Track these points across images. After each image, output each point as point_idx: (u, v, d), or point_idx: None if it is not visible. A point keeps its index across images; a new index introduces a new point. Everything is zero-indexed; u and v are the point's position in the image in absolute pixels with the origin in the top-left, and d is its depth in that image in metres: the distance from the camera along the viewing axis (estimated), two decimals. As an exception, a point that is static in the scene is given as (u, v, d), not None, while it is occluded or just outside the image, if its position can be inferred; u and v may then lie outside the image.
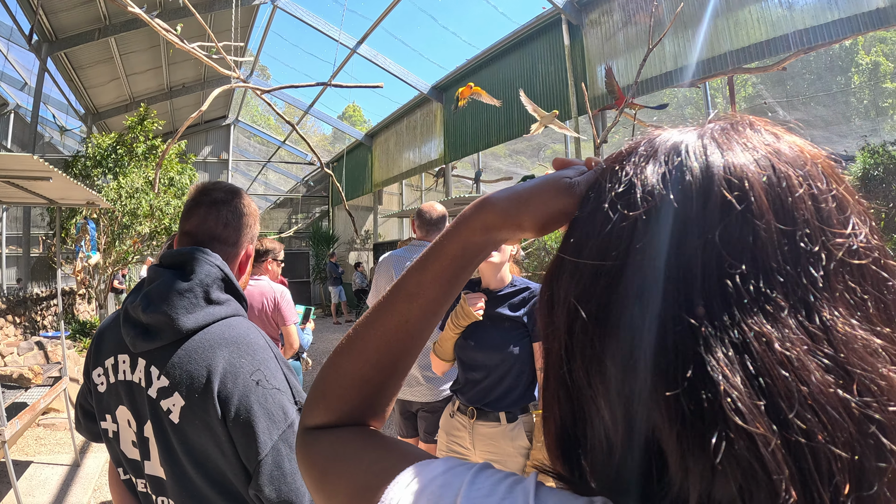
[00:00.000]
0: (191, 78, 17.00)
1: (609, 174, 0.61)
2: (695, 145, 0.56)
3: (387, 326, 0.78)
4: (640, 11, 10.11)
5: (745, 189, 0.50)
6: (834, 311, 0.46)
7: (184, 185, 13.41)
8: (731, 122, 0.58)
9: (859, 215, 0.52)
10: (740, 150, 0.54)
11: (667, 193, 0.53)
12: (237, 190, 1.80)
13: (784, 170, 0.52)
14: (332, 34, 14.66)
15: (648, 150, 0.59)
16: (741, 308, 0.46)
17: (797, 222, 0.49)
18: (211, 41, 6.35)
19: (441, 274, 0.77)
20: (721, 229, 0.49)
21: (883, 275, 0.50)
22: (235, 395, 1.43)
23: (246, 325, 1.59)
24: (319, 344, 14.50)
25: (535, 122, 6.51)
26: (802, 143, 0.57)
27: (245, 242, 1.78)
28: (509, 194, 0.74)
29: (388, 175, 20.19)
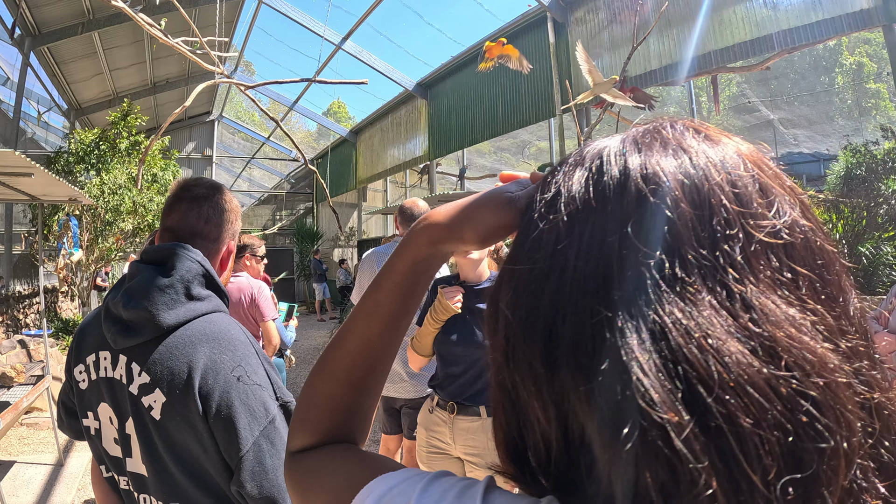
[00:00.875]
0: (175, 73, 16.87)
1: (542, 184, 0.63)
2: (616, 148, 0.57)
3: (351, 346, 0.81)
4: (625, 10, 10.14)
5: (660, 181, 0.51)
6: (756, 290, 0.47)
7: (167, 181, 13.31)
8: (656, 124, 0.60)
9: (787, 197, 0.53)
10: (658, 147, 0.55)
11: (586, 194, 0.55)
12: (218, 186, 1.80)
13: (701, 160, 0.53)
14: (317, 30, 14.60)
15: (577, 159, 0.60)
16: (657, 295, 0.47)
17: (713, 208, 0.49)
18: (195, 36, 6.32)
19: (395, 290, 0.79)
20: (635, 220, 0.50)
21: (813, 254, 0.51)
22: (216, 391, 1.43)
23: (227, 321, 1.60)
24: (303, 341, 14.48)
25: (583, 92, 6.22)
26: (726, 137, 0.58)
27: (226, 238, 1.78)
28: (452, 209, 0.76)
29: (372, 172, 20.17)
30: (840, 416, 0.42)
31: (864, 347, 0.49)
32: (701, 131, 0.58)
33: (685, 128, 0.58)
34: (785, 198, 0.52)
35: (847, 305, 0.51)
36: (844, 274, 0.53)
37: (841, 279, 0.52)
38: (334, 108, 55.18)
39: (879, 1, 7.13)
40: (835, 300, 0.50)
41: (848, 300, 0.52)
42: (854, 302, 0.52)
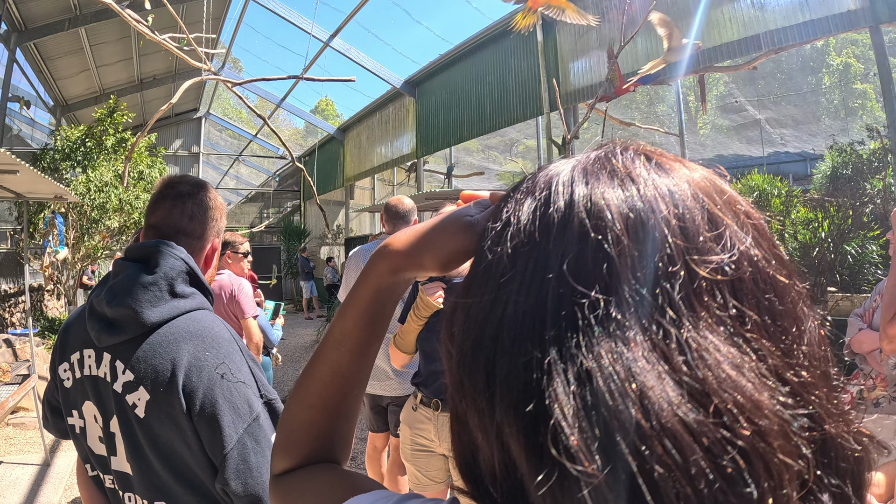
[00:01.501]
0: (162, 70, 16.79)
1: (494, 212, 0.63)
2: (565, 177, 0.56)
3: (322, 374, 0.82)
4: (613, 9, 10.17)
5: (603, 216, 0.50)
6: (694, 330, 0.45)
7: (153, 178, 13.23)
8: (607, 150, 0.59)
9: (740, 228, 0.51)
10: (606, 178, 0.54)
11: (532, 227, 0.54)
12: (203, 183, 1.80)
13: (648, 192, 0.52)
14: (305, 27, 14.57)
15: (529, 185, 0.60)
16: (589, 337, 0.46)
17: (656, 244, 0.48)
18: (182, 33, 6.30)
19: (360, 319, 0.80)
20: (573, 258, 0.49)
21: (763, 287, 0.49)
22: (200, 388, 1.42)
23: (211, 319, 1.59)
24: (291, 340, 14.46)
25: (651, 62, 5.80)
26: (679, 164, 0.57)
27: (211, 236, 1.78)
28: (410, 237, 0.77)
29: (359, 169, 20.17)
30: (770, 465, 0.41)
31: (818, 377, 0.49)
32: (652, 158, 0.57)
33: (636, 154, 0.57)
34: (737, 227, 0.51)
35: (801, 335, 0.50)
36: (801, 301, 0.52)
37: (796, 307, 0.51)
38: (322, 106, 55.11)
39: (866, 2, 7.17)
40: (786, 332, 0.49)
41: (802, 329, 0.51)
42: (812, 328, 0.52)
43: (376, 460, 4.73)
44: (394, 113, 17.75)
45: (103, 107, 13.21)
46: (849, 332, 3.76)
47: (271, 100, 20.23)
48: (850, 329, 3.75)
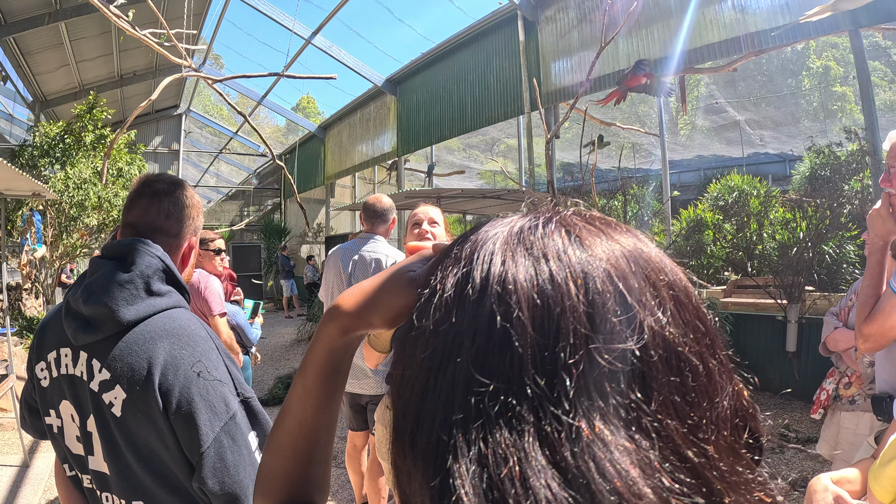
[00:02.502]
0: (142, 66, 16.67)
1: (428, 273, 0.63)
2: (487, 250, 0.56)
3: (291, 427, 0.85)
4: (595, 9, 10.22)
5: (511, 302, 0.50)
6: (587, 420, 0.46)
7: (132, 176, 13.13)
8: (531, 221, 0.59)
9: (658, 305, 0.51)
10: (522, 256, 0.54)
11: (451, 303, 0.55)
12: (179, 181, 1.80)
13: (561, 275, 0.51)
14: (287, 24, 14.54)
15: (458, 252, 0.60)
16: (490, 425, 0.47)
17: (560, 333, 0.48)
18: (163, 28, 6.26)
19: (318, 377, 0.82)
20: (482, 344, 0.50)
21: (674, 366, 0.50)
22: (176, 386, 1.42)
23: (187, 317, 1.59)
24: (271, 339, 14.41)
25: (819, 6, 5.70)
26: (604, 237, 0.56)
27: (187, 234, 1.77)
28: (357, 296, 0.78)
29: (340, 167, 20.16)
30: None
31: (726, 450, 0.50)
32: (573, 232, 0.56)
33: (557, 228, 0.57)
34: (654, 305, 0.51)
35: (714, 407, 0.51)
36: (720, 370, 0.53)
37: (712, 380, 0.52)
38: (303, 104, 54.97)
39: (846, 5, 7.26)
40: (697, 407, 0.49)
41: (716, 402, 0.51)
42: (728, 393, 0.53)
43: (356, 459, 4.72)
44: (375, 111, 17.75)
45: (83, 103, 13.11)
46: (824, 330, 3.80)
47: (252, 97, 20.15)
48: (826, 328, 3.80)
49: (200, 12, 14.33)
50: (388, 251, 4.20)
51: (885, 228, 2.41)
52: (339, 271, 4.26)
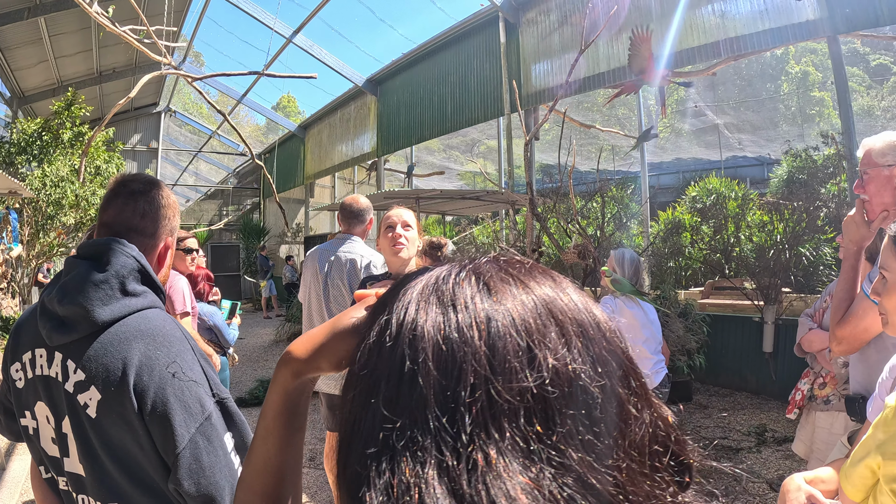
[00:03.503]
0: (122, 62, 16.54)
1: (362, 323, 0.70)
2: (406, 300, 0.62)
3: (257, 465, 0.91)
4: (576, 12, 10.27)
5: (419, 347, 0.55)
6: (483, 453, 0.50)
7: (111, 174, 13.01)
8: (446, 271, 0.65)
9: (565, 344, 0.56)
10: (434, 305, 0.59)
11: (374, 347, 0.60)
12: (155, 181, 1.79)
13: (465, 322, 0.56)
14: (268, 22, 14.48)
15: (389, 298, 0.66)
16: (397, 456, 0.51)
17: (461, 376, 0.53)
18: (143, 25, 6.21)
19: (278, 418, 0.89)
20: (393, 385, 0.55)
21: (579, 399, 0.53)
22: (151, 387, 1.41)
23: (162, 317, 1.58)
24: (249, 339, 14.35)
25: None
26: (513, 284, 0.61)
27: (163, 234, 1.77)
28: (307, 344, 0.87)
29: (320, 167, 20.12)
30: None
31: (638, 474, 0.54)
32: (482, 279, 0.61)
33: (469, 275, 0.62)
34: (560, 344, 0.55)
35: (627, 435, 0.55)
36: (632, 399, 0.57)
37: (623, 409, 0.56)
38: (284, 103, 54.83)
39: (825, 12, 7.34)
40: (603, 435, 0.53)
41: (628, 429, 0.55)
42: (643, 420, 0.57)
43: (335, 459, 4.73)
44: (355, 111, 17.72)
45: (61, 99, 12.98)
46: (799, 331, 3.86)
47: (232, 95, 20.05)
48: (801, 329, 3.85)
49: (181, 9, 14.23)
50: (363, 252, 4.20)
51: (860, 234, 2.45)
52: (316, 272, 4.26)
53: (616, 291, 4.42)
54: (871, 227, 2.44)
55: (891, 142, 2.44)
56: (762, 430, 6.64)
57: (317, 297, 4.26)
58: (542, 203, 7.59)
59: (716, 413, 7.43)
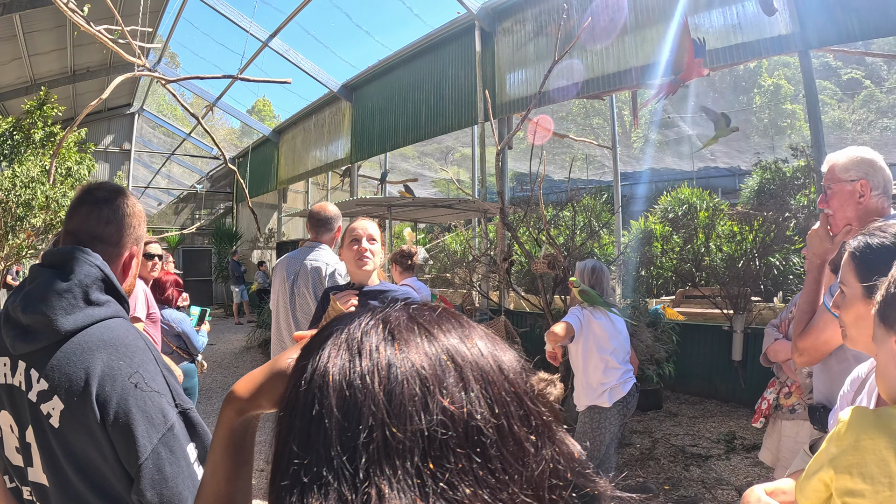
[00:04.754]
0: (96, 62, 16.33)
1: (293, 367, 0.75)
2: (323, 346, 0.68)
3: (209, 497, 0.97)
4: (552, 23, 10.34)
5: (326, 392, 0.61)
6: (376, 487, 0.55)
7: (82, 176, 12.87)
8: (367, 318, 0.70)
9: (462, 388, 0.61)
10: (343, 352, 0.65)
11: (293, 390, 0.67)
12: (121, 190, 1.80)
13: (367, 368, 0.62)
14: (244, 25, 14.41)
15: (314, 343, 0.71)
16: (304, 490, 0.57)
17: (361, 418, 0.58)
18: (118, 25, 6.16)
19: (225, 452, 0.96)
20: (304, 426, 0.62)
21: (476, 439, 0.58)
22: (114, 398, 1.41)
23: (125, 327, 1.58)
24: (220, 345, 14.22)
25: None
26: (417, 334, 0.66)
27: (128, 243, 1.77)
28: (248, 384, 0.95)
29: (294, 173, 20.06)
30: None
31: (535, 502, 0.59)
32: (388, 328, 0.67)
33: (377, 325, 0.68)
34: (456, 390, 0.61)
35: (525, 470, 0.60)
36: (532, 438, 0.62)
37: (521, 446, 0.61)
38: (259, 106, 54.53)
39: (797, 27, 7.45)
40: (498, 472, 0.58)
41: (525, 463, 0.60)
42: (543, 457, 0.62)
43: None
44: (330, 117, 17.70)
45: (33, 98, 12.82)
46: (765, 341, 3.92)
47: (207, 98, 19.91)
48: (767, 339, 3.91)
49: (158, 9, 14.11)
50: (329, 260, 4.21)
51: (823, 248, 2.51)
52: (284, 280, 4.27)
53: (584, 302, 4.47)
54: (834, 240, 2.49)
55: (854, 157, 2.50)
56: (731, 437, 6.71)
57: (284, 305, 4.26)
58: (513, 212, 7.64)
59: (685, 421, 7.49)
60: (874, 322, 1.38)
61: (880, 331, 1.35)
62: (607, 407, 4.31)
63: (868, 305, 1.47)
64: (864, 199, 2.44)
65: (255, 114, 48.61)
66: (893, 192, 2.53)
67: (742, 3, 8.03)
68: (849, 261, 1.74)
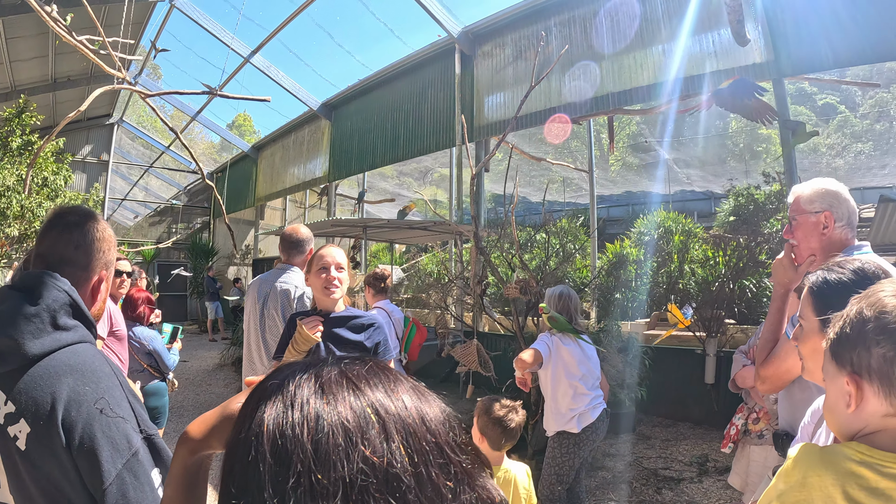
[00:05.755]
0: (77, 71, 16.17)
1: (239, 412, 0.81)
2: (262, 396, 0.74)
3: None
4: (531, 48, 10.45)
5: (261, 441, 0.68)
6: None
7: (58, 186, 12.78)
8: (301, 372, 0.77)
9: (385, 439, 0.68)
10: (278, 405, 0.71)
11: (234, 436, 0.74)
12: (92, 214, 1.82)
13: (297, 419, 0.68)
14: (226, 40, 14.38)
15: (257, 391, 0.78)
16: None
17: (290, 465, 0.65)
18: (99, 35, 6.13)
19: (178, 489, 1.03)
20: (240, 470, 0.69)
21: (395, 484, 0.65)
22: (79, 423, 1.43)
23: (92, 353, 1.60)
24: (193, 362, 14.06)
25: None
26: (347, 389, 0.73)
27: (97, 267, 1.79)
28: (201, 425, 1.03)
29: (271, 190, 20.00)
30: None
31: None
32: (319, 382, 0.74)
33: (309, 379, 0.74)
34: (378, 441, 0.68)
35: None
36: (451, 483, 0.70)
37: (439, 492, 0.68)
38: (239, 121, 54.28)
39: (771, 56, 7.62)
40: None
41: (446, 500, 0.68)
42: (461, 501, 0.70)
43: None
44: (309, 135, 17.71)
45: (12, 106, 12.72)
46: (733, 368, 3.98)
47: (188, 112, 19.81)
48: (735, 365, 3.98)
49: (141, 20, 14.08)
50: (298, 282, 4.21)
51: (787, 277, 2.56)
52: (255, 301, 4.27)
53: (553, 328, 4.51)
54: (798, 270, 2.55)
55: (818, 189, 2.56)
56: (704, 459, 6.75)
57: (255, 327, 4.25)
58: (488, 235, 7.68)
59: (658, 443, 7.52)
60: (825, 358, 1.41)
61: (831, 367, 1.38)
62: (576, 433, 4.32)
63: (824, 340, 1.51)
64: (827, 230, 2.49)
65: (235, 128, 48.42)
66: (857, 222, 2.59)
67: (718, 31, 8.17)
68: (807, 295, 1.78)
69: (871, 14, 6.77)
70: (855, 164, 20.90)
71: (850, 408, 1.32)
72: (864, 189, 21.54)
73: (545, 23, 10.32)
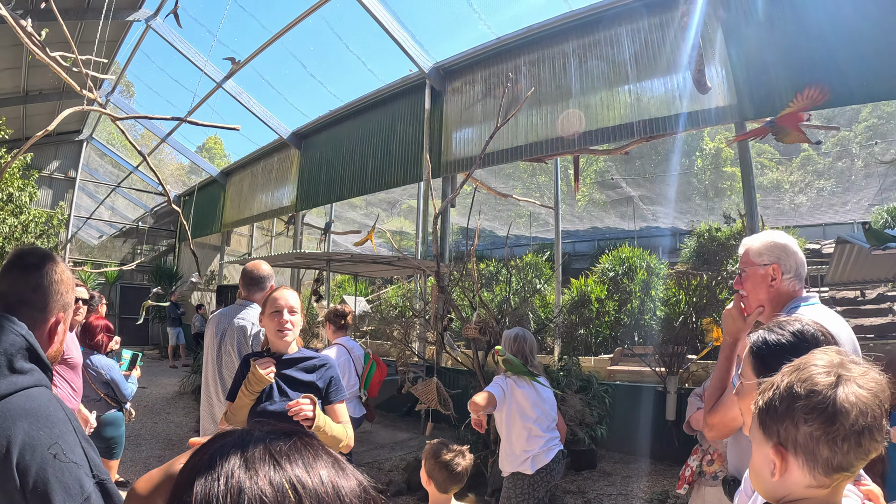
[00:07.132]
0: (49, 86, 15.98)
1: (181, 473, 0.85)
2: (194, 465, 0.80)
3: None
4: (500, 85, 10.60)
5: None
6: None
7: (23, 203, 12.62)
8: (232, 446, 0.82)
9: None
10: (208, 477, 0.76)
11: (170, 500, 0.79)
12: (51, 256, 1.85)
13: (222, 492, 0.73)
14: (200, 63, 14.37)
15: (192, 459, 0.83)
16: None
17: None
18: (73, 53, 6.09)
19: None
20: None
21: None
22: (33, 467, 1.44)
23: (47, 397, 1.61)
24: (152, 389, 13.81)
25: None
26: (272, 466, 0.78)
27: (55, 309, 1.82)
28: (147, 483, 1.12)
29: (239, 216, 19.92)
30: None
31: None
32: (244, 456, 0.79)
33: (235, 453, 0.80)
34: None
35: None
36: None
37: None
38: (210, 144, 53.94)
39: (734, 100, 7.86)
40: None
41: None
42: None
43: None
44: (278, 163, 17.74)
45: (-20, 118, 12.54)
46: (688, 410, 4.05)
47: (158, 133, 19.71)
48: (690, 408, 4.05)
49: (116, 39, 14.02)
50: (255, 319, 4.18)
51: (736, 327, 2.62)
52: (213, 335, 4.26)
53: (507, 371, 4.56)
54: (747, 320, 2.61)
55: (767, 242, 2.63)
56: (664, 496, 6.78)
57: (212, 361, 4.22)
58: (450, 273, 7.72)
59: (619, 480, 7.54)
60: (752, 423, 1.46)
61: (758, 434, 1.42)
62: (530, 474, 4.33)
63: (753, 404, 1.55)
64: (775, 282, 2.55)
65: (205, 150, 48.15)
66: (805, 274, 2.66)
67: (683, 74, 8.37)
68: (748, 355, 1.84)
69: (832, 60, 7.04)
70: (818, 201, 21.29)
71: (774, 476, 1.37)
72: (825, 225, 21.96)
73: (515, 62, 10.53)
